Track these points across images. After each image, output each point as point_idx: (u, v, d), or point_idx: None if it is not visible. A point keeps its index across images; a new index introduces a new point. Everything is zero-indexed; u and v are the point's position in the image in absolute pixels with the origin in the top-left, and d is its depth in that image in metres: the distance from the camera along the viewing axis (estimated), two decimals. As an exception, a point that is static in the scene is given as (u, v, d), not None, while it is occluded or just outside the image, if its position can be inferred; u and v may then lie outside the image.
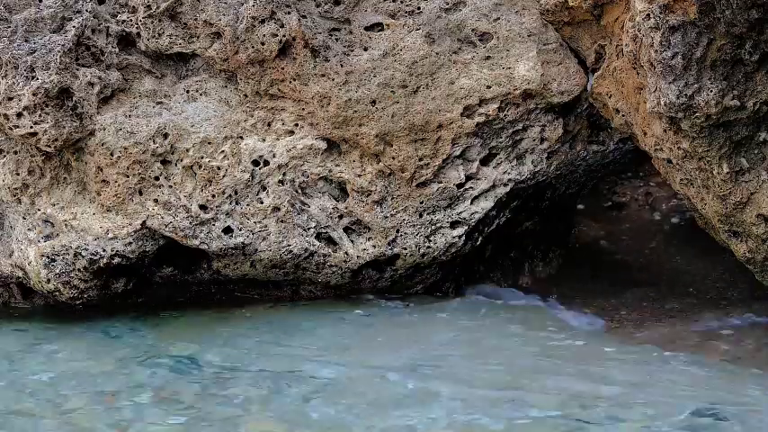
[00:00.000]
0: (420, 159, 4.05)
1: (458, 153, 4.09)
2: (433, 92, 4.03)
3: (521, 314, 4.12)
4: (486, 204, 4.16)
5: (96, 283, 3.97)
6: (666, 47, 3.35)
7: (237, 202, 3.99)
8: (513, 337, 3.82)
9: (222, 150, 3.98)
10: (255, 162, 4.01)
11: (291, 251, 4.02)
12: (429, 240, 4.12)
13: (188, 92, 4.02)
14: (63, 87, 3.85)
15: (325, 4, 4.05)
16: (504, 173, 4.16)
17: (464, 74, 4.05)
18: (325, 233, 4.07)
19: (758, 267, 3.75)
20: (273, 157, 4.01)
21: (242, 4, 3.92)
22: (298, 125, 4.04)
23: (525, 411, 3.02)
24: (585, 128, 4.22)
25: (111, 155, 3.91)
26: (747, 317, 4.06)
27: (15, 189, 3.99)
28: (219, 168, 3.97)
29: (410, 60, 4.02)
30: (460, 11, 4.09)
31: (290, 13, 3.95)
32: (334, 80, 3.98)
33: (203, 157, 3.97)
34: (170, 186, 3.96)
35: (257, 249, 4.00)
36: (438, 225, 4.12)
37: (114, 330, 3.92)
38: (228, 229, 3.98)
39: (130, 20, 4.00)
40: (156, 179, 3.95)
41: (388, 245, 4.09)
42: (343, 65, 4.00)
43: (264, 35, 3.92)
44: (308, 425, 3.01)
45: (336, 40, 4.04)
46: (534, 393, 3.14)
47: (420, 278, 4.26)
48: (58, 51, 3.84)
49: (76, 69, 3.89)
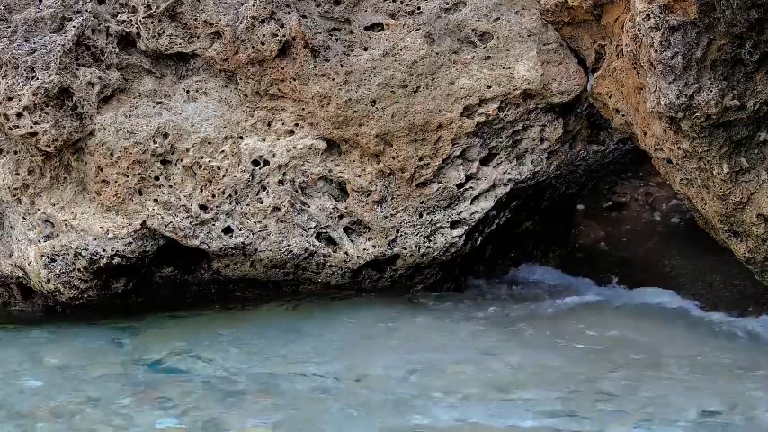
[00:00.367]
0: (420, 159, 4.05)
1: (458, 153, 4.09)
2: (433, 92, 4.03)
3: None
4: (486, 204, 4.16)
5: (96, 283, 3.96)
6: (666, 47, 3.35)
7: (237, 202, 3.99)
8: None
9: (222, 150, 3.97)
10: (255, 162, 4.01)
11: (291, 251, 4.02)
12: (429, 240, 4.12)
13: (188, 92, 4.02)
14: (63, 87, 3.85)
15: (325, 4, 4.05)
16: (504, 173, 4.16)
17: (464, 74, 4.05)
18: (326, 233, 4.07)
19: (758, 267, 3.75)
20: (273, 157, 4.01)
21: (242, 4, 3.92)
22: (298, 125, 4.04)
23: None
24: (585, 128, 4.22)
25: (112, 155, 3.91)
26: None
27: (15, 189, 3.99)
28: (219, 168, 3.97)
29: (410, 60, 4.02)
30: (460, 11, 4.09)
31: (290, 13, 3.94)
32: (334, 80, 3.98)
33: (203, 157, 3.97)
34: (170, 186, 3.96)
35: (257, 249, 4.00)
36: (438, 225, 4.12)
37: (114, 333, 3.93)
38: (228, 229, 3.98)
39: (130, 20, 3.99)
40: (156, 179, 3.95)
41: (388, 245, 4.09)
42: (343, 65, 4.00)
43: (264, 35, 3.92)
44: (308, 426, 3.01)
45: (336, 40, 4.04)
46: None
47: (420, 278, 4.26)
48: (58, 51, 3.84)
49: (76, 69, 3.89)
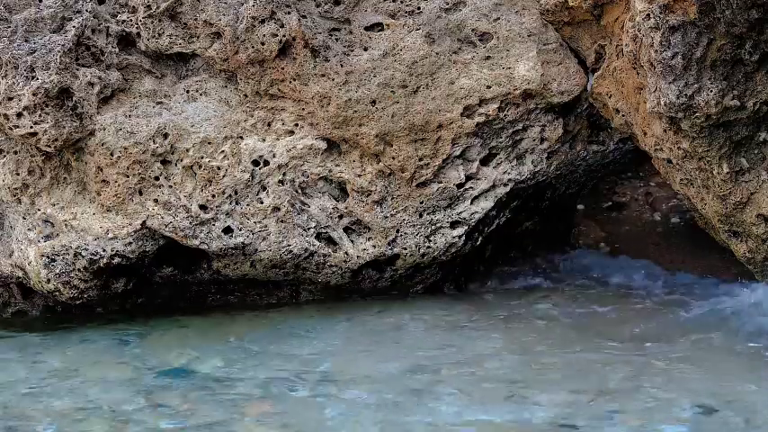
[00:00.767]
0: (420, 159, 4.05)
1: (458, 153, 4.09)
2: (433, 92, 4.03)
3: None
4: (486, 204, 4.16)
5: (96, 283, 3.96)
6: (666, 47, 3.35)
7: (237, 202, 3.99)
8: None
9: (222, 150, 3.97)
10: (255, 162, 4.01)
11: (291, 251, 4.02)
12: (429, 240, 4.12)
13: (188, 92, 4.02)
14: (63, 87, 3.85)
15: (325, 4, 4.05)
16: (505, 173, 4.16)
17: (464, 74, 4.05)
18: (326, 233, 4.07)
19: (758, 267, 3.75)
20: (273, 157, 4.01)
21: (242, 4, 3.92)
22: (298, 125, 4.04)
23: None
24: (585, 128, 4.22)
25: (111, 155, 3.91)
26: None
27: (15, 189, 3.99)
28: (219, 168, 3.97)
29: (410, 60, 4.02)
30: (460, 11, 4.09)
31: (290, 13, 3.94)
32: (334, 80, 3.98)
33: (203, 157, 3.97)
34: (170, 186, 3.96)
35: (257, 249, 4.00)
36: (438, 225, 4.12)
37: (117, 336, 3.92)
38: (228, 229, 3.98)
39: (130, 20, 3.99)
40: (156, 179, 3.95)
41: (388, 245, 4.09)
42: (343, 65, 3.99)
43: (264, 35, 3.92)
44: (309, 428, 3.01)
45: (336, 40, 4.04)
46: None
47: (420, 278, 4.26)
48: (58, 51, 3.84)
49: (76, 69, 3.89)
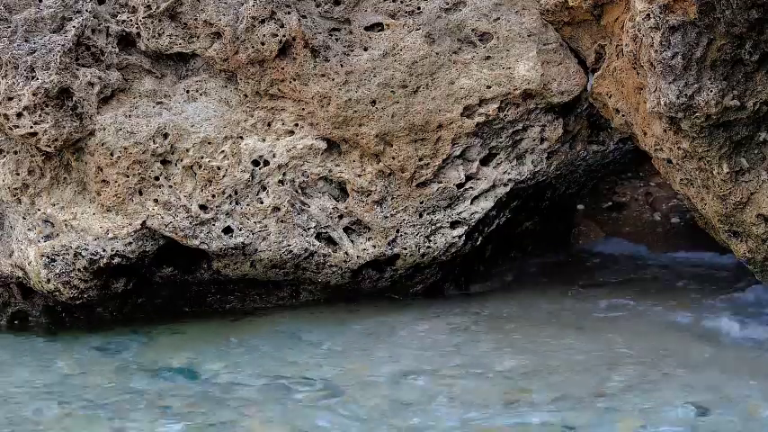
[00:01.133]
0: (420, 159, 4.05)
1: (458, 153, 4.09)
2: (433, 92, 4.03)
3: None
4: (486, 204, 4.16)
5: (96, 283, 3.96)
6: (666, 47, 3.35)
7: (237, 202, 3.99)
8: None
9: (222, 150, 3.97)
10: (255, 162, 4.01)
11: (291, 251, 4.02)
12: (429, 240, 4.12)
13: (188, 92, 4.02)
14: (63, 87, 3.85)
15: (325, 4, 4.05)
16: (505, 173, 4.16)
17: (464, 74, 4.05)
18: (326, 233, 4.07)
19: (758, 267, 3.75)
20: (273, 157, 4.01)
21: (242, 4, 3.92)
22: (298, 125, 4.04)
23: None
24: (585, 128, 4.22)
25: (111, 155, 3.91)
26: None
27: (15, 189, 3.99)
28: (219, 168, 3.97)
29: (410, 60, 4.02)
30: (460, 11, 4.09)
31: (290, 13, 3.94)
32: (334, 80, 3.98)
33: (203, 157, 3.97)
34: (170, 186, 3.96)
35: (257, 249, 4.00)
36: (438, 225, 4.12)
37: (117, 340, 3.92)
38: (228, 229, 3.98)
39: (130, 20, 3.99)
40: (156, 179, 3.95)
41: (388, 245, 4.09)
42: (343, 65, 3.99)
43: (264, 35, 3.92)
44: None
45: (336, 40, 4.04)
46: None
47: (420, 278, 4.26)
48: (58, 51, 3.84)
49: (76, 69, 3.89)
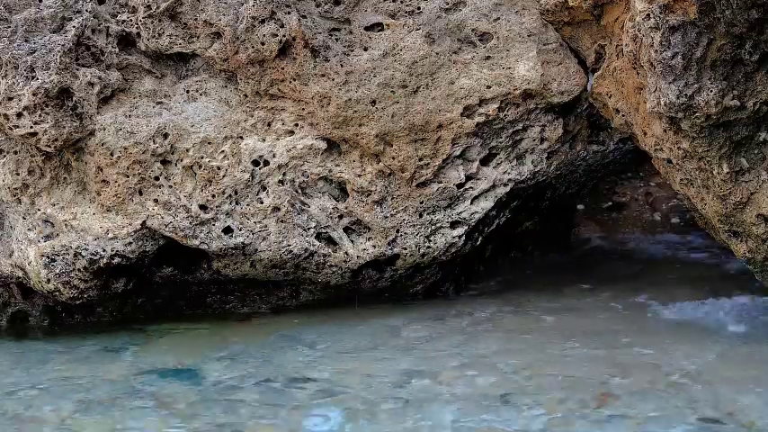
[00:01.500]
0: (420, 159, 4.05)
1: (458, 153, 4.09)
2: (433, 92, 4.03)
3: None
4: (486, 204, 4.16)
5: (96, 283, 3.96)
6: (666, 47, 3.35)
7: (237, 202, 3.99)
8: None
9: (222, 150, 3.97)
10: (255, 162, 4.01)
11: (291, 251, 4.02)
12: (429, 240, 4.12)
13: (188, 92, 4.02)
14: (63, 87, 3.85)
15: (326, 4, 4.05)
16: (505, 173, 4.16)
17: (464, 74, 4.05)
18: (326, 233, 4.07)
19: (758, 267, 3.75)
20: (273, 157, 4.01)
21: (242, 4, 3.92)
22: (298, 125, 4.04)
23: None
24: (585, 128, 4.22)
25: (111, 155, 3.91)
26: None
27: (15, 189, 3.99)
28: (219, 168, 3.97)
29: (410, 60, 4.02)
30: (460, 11, 4.09)
31: (290, 13, 3.94)
32: (334, 80, 3.98)
33: (203, 157, 3.97)
34: (170, 186, 3.96)
35: (257, 249, 4.00)
36: (438, 225, 4.12)
37: (117, 341, 3.92)
38: (228, 229, 3.98)
39: (130, 20, 4.00)
40: (156, 179, 3.95)
41: (388, 245, 4.09)
42: (343, 65, 3.99)
43: (264, 35, 3.92)
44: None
45: (336, 40, 4.04)
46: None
47: (420, 278, 4.26)
48: (58, 51, 3.84)
49: (76, 69, 3.89)
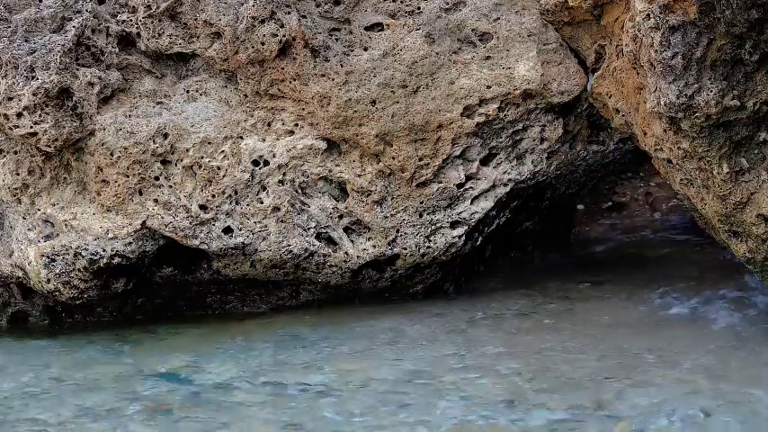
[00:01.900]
0: (420, 159, 4.05)
1: (458, 153, 4.09)
2: (433, 92, 4.03)
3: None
4: (486, 204, 4.16)
5: (96, 283, 3.96)
6: (666, 47, 3.35)
7: (237, 202, 3.99)
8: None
9: (222, 150, 3.97)
10: (255, 162, 4.01)
11: (291, 251, 4.02)
12: (429, 240, 4.12)
13: (188, 92, 4.02)
14: (63, 87, 3.85)
15: (326, 4, 4.05)
16: (504, 173, 4.16)
17: (464, 74, 4.05)
18: (326, 233, 4.07)
19: (758, 267, 3.74)
20: (273, 157, 4.01)
21: (242, 4, 3.92)
22: (298, 125, 4.04)
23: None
24: (585, 128, 4.22)
25: (111, 155, 3.91)
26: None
27: (15, 189, 3.99)
28: (219, 168, 3.97)
29: (410, 60, 4.02)
30: (460, 11, 4.09)
31: (290, 13, 3.94)
32: (334, 80, 3.98)
33: (203, 157, 3.97)
34: (170, 186, 3.96)
35: (257, 249, 4.00)
36: (438, 225, 4.12)
37: (116, 342, 3.91)
38: (228, 229, 3.98)
39: (130, 20, 3.99)
40: (156, 179, 3.95)
41: (388, 245, 4.09)
42: (343, 65, 3.99)
43: (264, 35, 3.92)
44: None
45: (336, 40, 4.04)
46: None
47: (420, 278, 4.26)
48: (58, 51, 3.84)
49: (76, 69, 3.89)
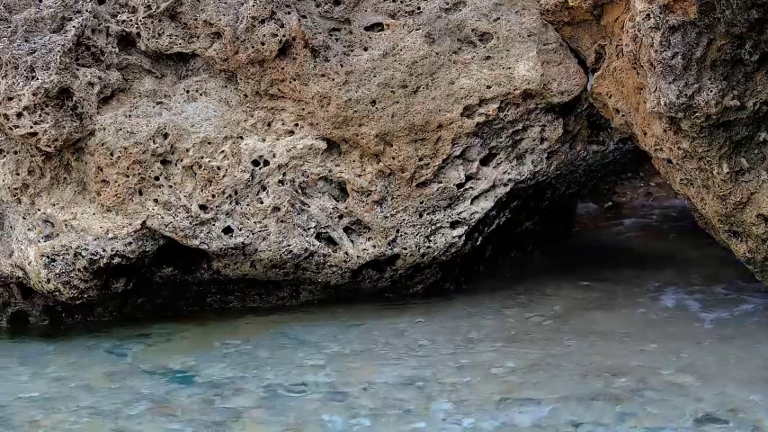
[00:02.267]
0: (420, 159, 4.05)
1: (458, 153, 4.09)
2: (433, 92, 4.03)
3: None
4: (486, 204, 4.16)
5: (96, 283, 3.96)
6: (666, 47, 3.35)
7: (237, 202, 3.99)
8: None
9: (222, 150, 3.97)
10: (255, 162, 4.01)
11: (291, 251, 4.02)
12: (429, 240, 4.12)
13: (188, 92, 4.02)
14: (63, 87, 3.85)
15: (326, 4, 4.05)
16: (504, 173, 4.16)
17: (464, 74, 4.05)
18: (326, 233, 4.07)
19: (758, 267, 3.75)
20: (273, 157, 4.01)
21: (242, 4, 3.92)
22: (298, 125, 4.04)
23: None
24: (585, 128, 4.22)
25: (111, 155, 3.91)
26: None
27: (15, 189, 3.99)
28: (219, 168, 3.97)
29: (410, 60, 4.02)
30: (460, 11, 4.09)
31: (290, 13, 3.94)
32: (334, 80, 3.98)
33: (203, 157, 3.97)
34: (170, 186, 3.96)
35: (257, 249, 4.00)
36: (438, 225, 4.12)
37: (116, 343, 3.91)
38: (228, 229, 3.98)
39: (130, 20, 3.99)
40: (156, 179, 3.95)
41: (388, 245, 4.09)
42: (343, 65, 3.99)
43: (264, 35, 3.92)
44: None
45: (336, 40, 4.04)
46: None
47: (420, 278, 4.26)
48: (58, 51, 3.84)
49: (76, 69, 3.89)
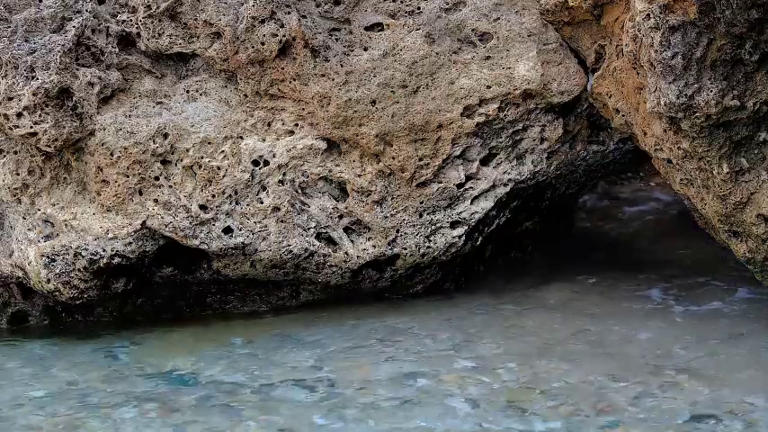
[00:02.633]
0: (420, 159, 4.05)
1: (458, 153, 4.09)
2: (433, 92, 4.03)
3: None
4: (487, 204, 4.16)
5: (96, 283, 3.96)
6: (666, 47, 3.35)
7: (237, 202, 3.99)
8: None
9: (222, 150, 3.97)
10: (255, 162, 4.01)
11: (291, 251, 4.02)
12: (429, 240, 4.12)
13: (188, 92, 4.02)
14: (63, 87, 3.85)
15: (326, 4, 4.05)
16: (505, 173, 4.16)
17: (464, 74, 4.05)
18: (326, 233, 4.07)
19: (758, 267, 3.75)
20: (273, 157, 4.01)
21: (242, 4, 3.92)
22: (298, 125, 4.04)
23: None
24: (585, 128, 4.22)
25: (111, 155, 3.91)
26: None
27: (15, 189, 3.99)
28: (219, 168, 3.97)
29: (410, 60, 4.02)
30: (460, 11, 4.09)
31: (290, 13, 3.94)
32: (334, 80, 3.98)
33: (203, 157, 3.97)
34: (170, 186, 3.96)
35: (257, 249, 4.00)
36: (438, 225, 4.12)
37: (116, 343, 3.91)
38: (228, 229, 3.98)
39: (130, 20, 3.99)
40: (156, 179, 3.95)
41: (388, 245, 4.09)
42: (343, 65, 4.00)
43: (264, 35, 3.92)
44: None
45: (336, 40, 4.04)
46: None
47: (420, 278, 4.26)
48: (58, 51, 3.84)
49: (76, 69, 3.89)
